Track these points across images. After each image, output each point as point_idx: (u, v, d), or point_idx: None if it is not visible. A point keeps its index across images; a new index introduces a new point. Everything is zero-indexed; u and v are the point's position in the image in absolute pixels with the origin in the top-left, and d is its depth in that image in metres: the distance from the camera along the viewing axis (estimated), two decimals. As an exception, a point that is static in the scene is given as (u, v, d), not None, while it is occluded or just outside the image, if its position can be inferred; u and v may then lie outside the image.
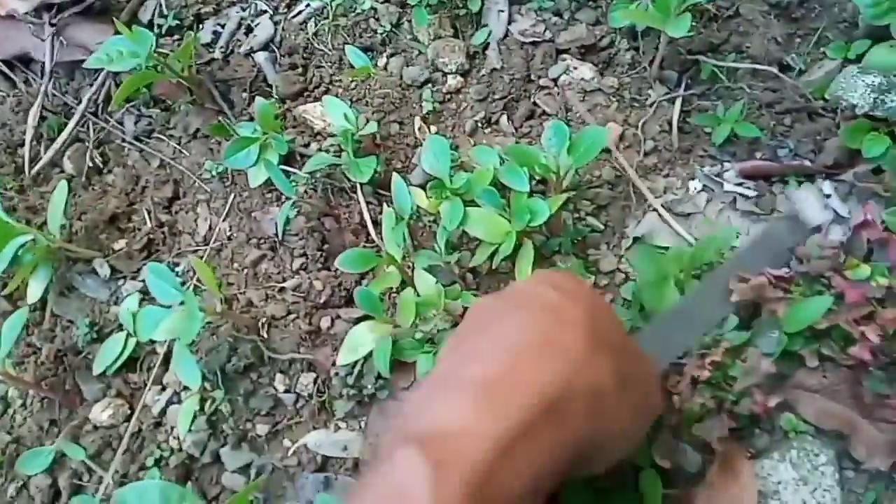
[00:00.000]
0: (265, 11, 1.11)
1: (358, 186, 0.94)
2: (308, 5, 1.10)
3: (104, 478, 0.88)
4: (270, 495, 0.87)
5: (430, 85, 1.02)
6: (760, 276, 0.83)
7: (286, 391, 0.90)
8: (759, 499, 0.79)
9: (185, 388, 0.89)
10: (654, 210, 0.93)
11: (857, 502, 0.80)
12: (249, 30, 1.11)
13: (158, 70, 0.99)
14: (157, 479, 0.84)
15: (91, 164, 1.06)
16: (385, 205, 0.92)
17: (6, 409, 0.95)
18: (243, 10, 1.13)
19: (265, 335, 0.91)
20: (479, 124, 1.00)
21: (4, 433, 0.93)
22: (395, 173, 0.89)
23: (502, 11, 1.03)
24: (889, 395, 0.80)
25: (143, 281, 0.96)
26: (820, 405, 0.82)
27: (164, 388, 0.93)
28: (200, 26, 1.12)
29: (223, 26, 1.11)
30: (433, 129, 1.00)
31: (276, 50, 1.09)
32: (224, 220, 0.99)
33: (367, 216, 0.93)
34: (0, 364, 0.86)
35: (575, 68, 1.00)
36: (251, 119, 1.02)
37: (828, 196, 0.89)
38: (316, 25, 1.09)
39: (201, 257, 0.96)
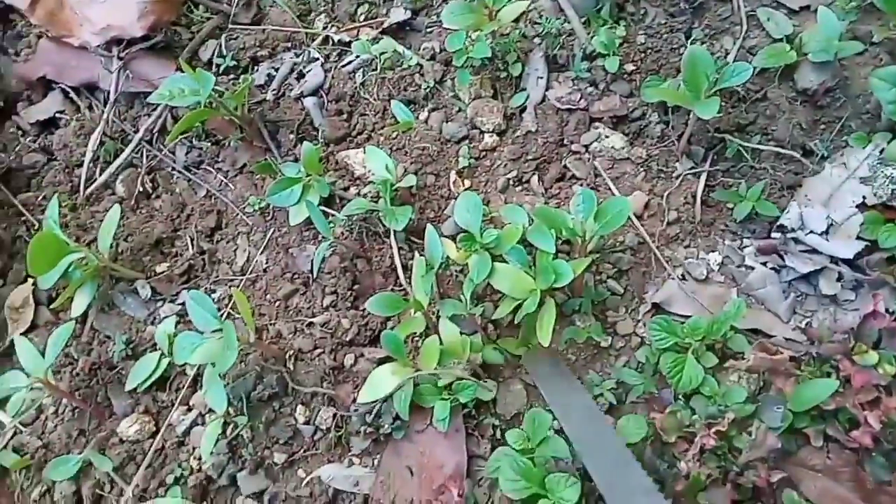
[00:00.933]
0: (317, 59, 1.18)
1: (392, 232, 0.98)
2: (358, 57, 1.16)
3: (125, 491, 0.92)
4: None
5: (467, 141, 1.07)
6: (778, 352, 0.87)
7: (306, 423, 0.94)
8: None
9: (211, 411, 0.94)
10: (673, 279, 0.97)
11: (854, 585, 0.81)
12: (301, 75, 1.17)
13: (213, 107, 1.05)
14: (179, 498, 0.87)
15: (141, 189, 1.13)
16: (416, 252, 0.97)
17: (39, 416, 1.00)
18: (297, 55, 1.20)
19: (291, 367, 0.95)
20: (511, 182, 1.05)
21: (35, 438, 0.98)
22: (429, 224, 0.94)
23: (541, 78, 1.08)
24: (890, 481, 0.82)
25: (182, 304, 1.02)
26: (822, 485, 0.84)
27: (189, 409, 0.97)
28: (256, 68, 1.20)
29: (277, 70, 1.18)
30: (467, 183, 1.05)
31: (325, 96, 1.15)
32: (262, 253, 1.04)
33: (398, 261, 0.98)
34: (42, 373, 0.91)
35: (606, 137, 1.05)
36: (296, 160, 1.08)
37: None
38: (364, 76, 1.15)
39: (237, 287, 1.01)
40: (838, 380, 0.81)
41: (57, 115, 1.20)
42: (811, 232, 0.94)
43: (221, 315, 1.00)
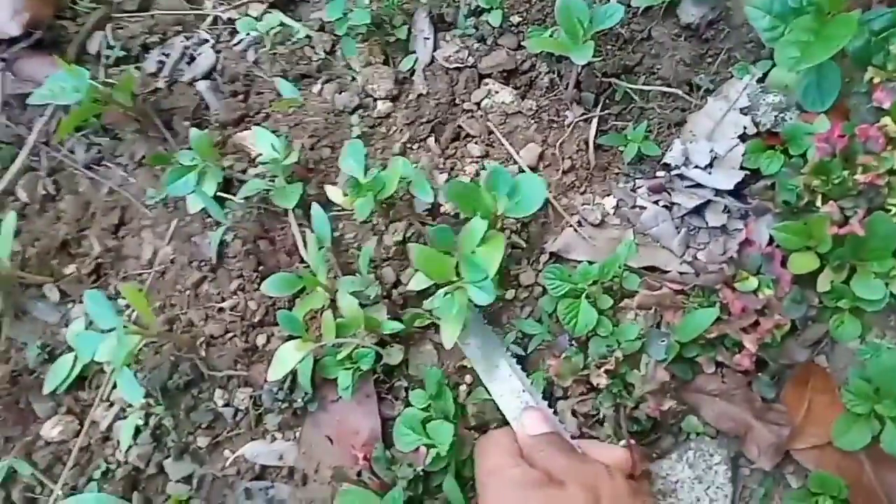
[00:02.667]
0: (207, 41, 1.16)
1: (290, 210, 0.99)
2: (248, 34, 1.15)
3: (54, 490, 0.94)
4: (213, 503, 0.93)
5: (360, 110, 1.07)
6: (662, 287, 0.90)
7: (225, 405, 0.96)
8: (657, 497, 0.85)
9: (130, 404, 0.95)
10: (571, 226, 0.99)
11: (749, 498, 0.86)
12: (192, 59, 1.15)
13: (102, 102, 1.03)
14: (95, 492, 0.90)
15: (44, 192, 1.11)
16: (308, 229, 0.97)
17: (-38, 428, 1.01)
18: (187, 38, 1.18)
19: (204, 353, 0.96)
20: (408, 146, 1.05)
21: (-40, 450, 0.99)
22: (314, 203, 0.94)
23: (427, 38, 1.08)
24: (776, 398, 0.86)
25: (91, 304, 1.02)
26: (719, 408, 0.88)
27: (111, 405, 0.98)
28: (146, 56, 1.17)
29: (168, 56, 1.16)
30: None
31: (218, 78, 1.14)
32: (167, 245, 1.04)
33: (298, 239, 0.99)
34: (-46, 387, 0.91)
35: (496, 92, 1.05)
36: (192, 147, 1.07)
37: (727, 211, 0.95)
38: (256, 54, 1.14)
39: (145, 281, 1.02)
40: (720, 307, 0.85)
41: (-54, 124, 1.17)
42: (696, 167, 0.96)
43: (132, 310, 1.01)
